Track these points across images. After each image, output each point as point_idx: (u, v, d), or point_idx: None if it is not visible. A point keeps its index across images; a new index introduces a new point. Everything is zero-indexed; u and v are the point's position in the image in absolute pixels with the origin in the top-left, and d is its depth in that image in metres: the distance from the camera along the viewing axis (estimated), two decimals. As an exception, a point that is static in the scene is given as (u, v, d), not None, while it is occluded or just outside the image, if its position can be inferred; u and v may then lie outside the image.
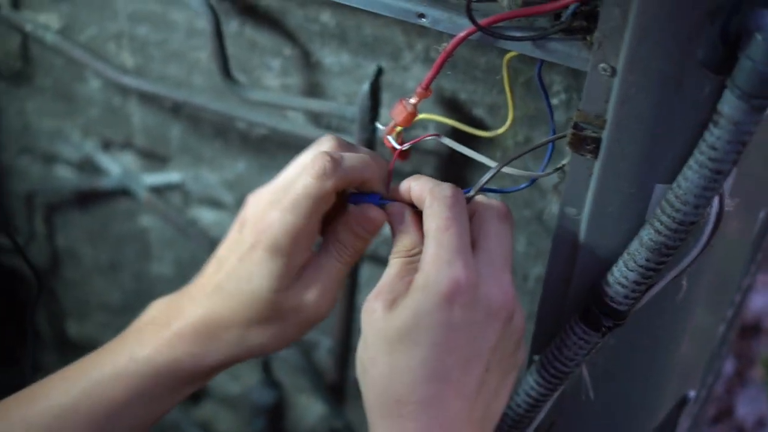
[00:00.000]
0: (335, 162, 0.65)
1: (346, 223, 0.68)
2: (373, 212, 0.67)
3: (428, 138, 0.83)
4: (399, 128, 0.69)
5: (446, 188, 0.63)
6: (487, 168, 0.67)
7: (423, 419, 0.59)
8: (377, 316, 0.61)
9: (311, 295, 0.66)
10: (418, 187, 0.65)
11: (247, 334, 0.67)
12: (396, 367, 0.60)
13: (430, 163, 0.90)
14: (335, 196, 0.67)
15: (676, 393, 0.83)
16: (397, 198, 0.67)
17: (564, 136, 0.66)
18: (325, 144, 0.69)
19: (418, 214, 0.66)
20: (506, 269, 0.63)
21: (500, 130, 0.76)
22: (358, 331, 1.06)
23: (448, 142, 0.67)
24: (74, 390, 0.67)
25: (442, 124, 0.84)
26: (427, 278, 0.60)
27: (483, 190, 0.66)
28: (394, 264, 0.64)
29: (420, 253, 0.63)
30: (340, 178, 0.65)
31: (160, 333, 0.68)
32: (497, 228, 0.64)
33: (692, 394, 0.85)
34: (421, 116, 0.79)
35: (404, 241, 0.65)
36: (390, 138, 0.70)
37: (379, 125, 0.69)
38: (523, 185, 0.73)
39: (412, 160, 0.90)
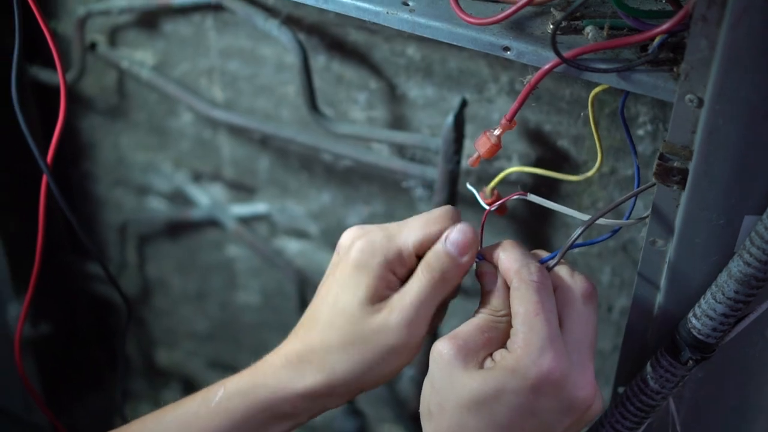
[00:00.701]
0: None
1: (437, 244, 0.67)
2: (464, 232, 0.67)
3: (514, 174, 0.84)
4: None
5: (534, 272, 0.64)
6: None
7: None
8: (451, 363, 0.62)
9: (395, 317, 0.66)
10: (506, 261, 0.65)
11: (331, 357, 0.67)
12: (466, 426, 0.62)
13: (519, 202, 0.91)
14: None
15: (767, 427, 0.81)
16: (486, 257, 0.67)
17: (652, 185, 0.65)
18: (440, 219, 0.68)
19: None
20: (591, 356, 0.64)
21: (590, 173, 0.76)
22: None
23: (535, 199, 0.67)
24: (169, 425, 0.69)
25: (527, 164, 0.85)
26: (518, 362, 0.61)
27: (573, 246, 0.65)
28: (479, 317, 0.65)
29: (506, 315, 0.64)
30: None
31: (255, 365, 0.69)
32: (582, 311, 0.64)
33: (784, 430, 0.83)
34: (509, 170, 0.79)
35: (493, 302, 0.65)
36: (479, 198, 0.71)
37: (469, 185, 0.70)
38: (605, 236, 0.73)
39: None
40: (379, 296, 0.66)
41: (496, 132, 0.69)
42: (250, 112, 1.01)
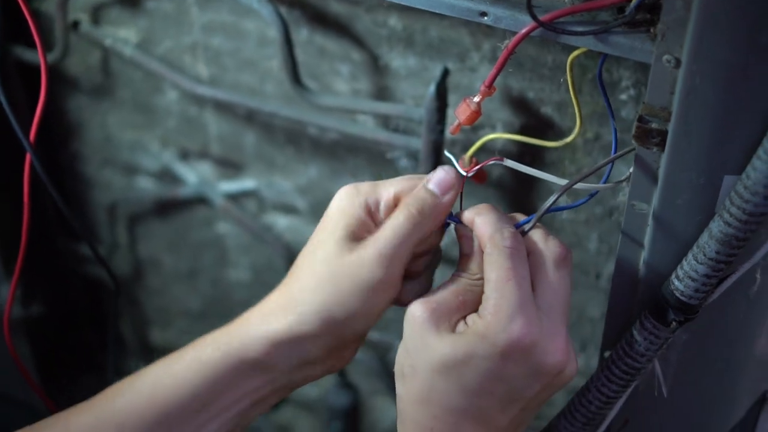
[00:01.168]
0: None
1: (418, 186, 0.66)
2: (446, 171, 0.65)
3: (495, 139, 0.84)
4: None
5: (507, 237, 0.63)
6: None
7: None
8: (424, 326, 0.62)
9: (369, 251, 0.63)
10: (480, 226, 0.64)
11: (302, 296, 0.64)
12: (436, 389, 0.62)
13: (499, 167, 0.90)
14: None
15: (754, 390, 0.81)
16: (464, 220, 0.66)
17: (632, 150, 0.65)
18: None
19: None
20: (563, 321, 0.63)
21: (569, 139, 0.76)
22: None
23: (511, 164, 0.66)
24: (145, 381, 0.68)
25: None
26: (487, 328, 0.61)
27: (547, 211, 0.65)
28: (454, 281, 0.65)
29: (481, 279, 0.64)
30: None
31: (235, 320, 0.68)
32: (555, 275, 0.64)
33: (772, 391, 0.83)
34: (487, 137, 0.79)
35: (470, 265, 0.65)
36: (457, 165, 0.70)
37: (447, 153, 0.70)
38: (582, 200, 0.73)
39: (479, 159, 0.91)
40: (357, 237, 0.64)
41: (476, 99, 0.69)
42: (235, 87, 1.00)
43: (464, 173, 0.65)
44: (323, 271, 0.64)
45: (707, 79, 0.58)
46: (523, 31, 0.63)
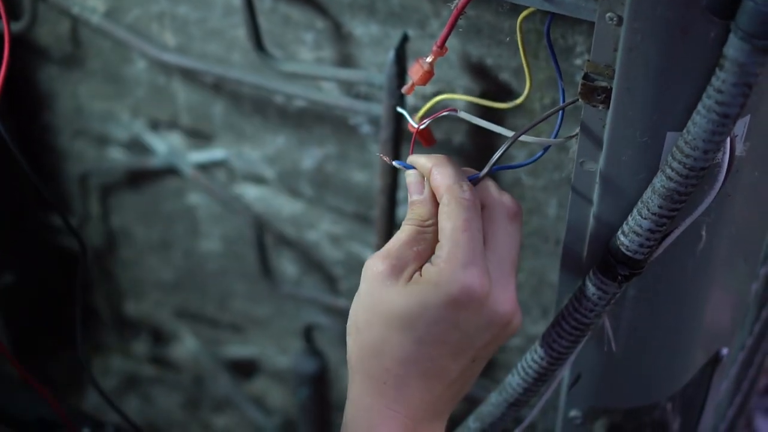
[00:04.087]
0: None
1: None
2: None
3: (453, 101, 0.85)
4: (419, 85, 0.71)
5: (465, 189, 0.64)
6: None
7: (405, 391, 0.64)
8: (380, 280, 0.63)
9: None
10: (438, 177, 0.65)
11: None
12: (390, 341, 0.63)
13: (460, 130, 0.92)
14: None
15: (706, 349, 0.83)
16: (416, 166, 0.68)
17: (575, 101, 0.67)
18: None
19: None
20: (513, 274, 0.65)
21: (518, 101, 0.77)
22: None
23: (465, 116, 0.68)
24: None
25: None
26: (440, 276, 0.62)
27: (498, 168, 0.67)
28: (406, 230, 0.66)
29: (433, 225, 0.65)
30: None
31: None
32: (507, 229, 0.65)
33: (725, 351, 0.85)
34: (440, 97, 0.80)
35: (420, 211, 0.66)
36: (409, 119, 0.71)
37: (399, 108, 0.70)
38: (537, 155, 0.74)
39: (441, 127, 0.92)
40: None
41: (429, 59, 0.70)
42: (202, 57, 1.01)
43: (415, 125, 0.67)
44: None
45: (648, 37, 0.60)
46: (471, -11, 0.64)
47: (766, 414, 1.52)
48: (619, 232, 0.67)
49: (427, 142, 0.77)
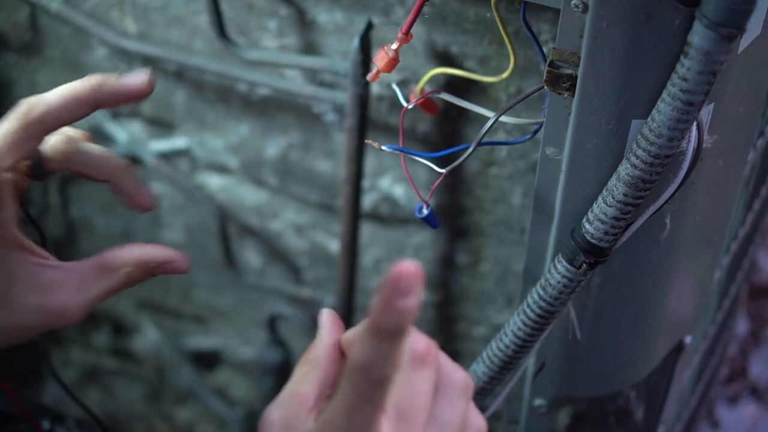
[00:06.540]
0: None
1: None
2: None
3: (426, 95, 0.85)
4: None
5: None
6: (483, 120, 0.68)
7: None
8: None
9: None
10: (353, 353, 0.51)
11: None
12: None
13: (426, 119, 0.92)
14: None
15: (670, 338, 0.83)
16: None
17: (540, 88, 0.67)
18: None
19: None
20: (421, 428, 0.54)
21: (504, 75, 0.76)
22: (362, 289, 1.08)
23: (448, 97, 0.68)
24: None
25: (436, 78, 0.86)
26: None
27: (487, 143, 0.67)
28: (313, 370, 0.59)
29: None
30: None
31: None
32: (407, 378, 0.54)
33: (688, 339, 0.85)
34: (434, 71, 0.80)
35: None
36: (400, 97, 0.71)
37: (394, 85, 0.69)
38: (527, 136, 0.74)
39: (408, 115, 0.92)
40: None
41: (393, 46, 0.70)
42: (164, 44, 1.00)
43: (404, 104, 0.67)
44: None
45: (613, 24, 0.60)
46: (437, -24, 0.64)
47: (728, 403, 1.54)
48: (584, 219, 0.67)
49: (431, 111, 0.76)
